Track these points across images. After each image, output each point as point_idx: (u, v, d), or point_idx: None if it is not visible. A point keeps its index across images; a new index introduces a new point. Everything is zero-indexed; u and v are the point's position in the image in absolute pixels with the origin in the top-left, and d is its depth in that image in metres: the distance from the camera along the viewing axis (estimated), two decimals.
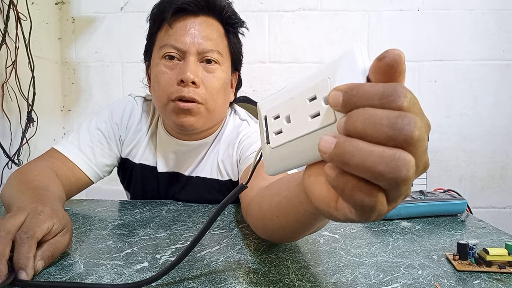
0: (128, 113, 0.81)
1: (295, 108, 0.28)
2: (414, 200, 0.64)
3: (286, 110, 0.29)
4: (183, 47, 0.69)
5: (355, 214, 0.24)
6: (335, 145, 0.23)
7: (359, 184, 0.22)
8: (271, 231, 0.46)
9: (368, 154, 0.21)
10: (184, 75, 0.67)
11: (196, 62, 0.69)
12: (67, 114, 1.53)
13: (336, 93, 0.23)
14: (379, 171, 0.21)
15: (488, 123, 1.47)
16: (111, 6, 1.49)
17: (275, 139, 0.30)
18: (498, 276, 0.40)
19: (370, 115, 0.22)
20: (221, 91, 0.73)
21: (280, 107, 0.29)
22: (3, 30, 1.11)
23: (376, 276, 0.40)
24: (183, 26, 0.70)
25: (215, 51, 0.71)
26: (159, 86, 0.71)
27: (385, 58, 0.23)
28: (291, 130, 0.28)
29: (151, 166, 0.80)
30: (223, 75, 0.73)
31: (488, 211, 1.50)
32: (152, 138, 0.81)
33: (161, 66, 0.71)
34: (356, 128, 0.22)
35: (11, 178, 0.64)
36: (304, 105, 0.27)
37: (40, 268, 0.40)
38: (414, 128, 0.21)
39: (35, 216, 0.43)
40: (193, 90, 0.68)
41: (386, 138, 0.21)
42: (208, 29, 0.71)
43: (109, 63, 1.51)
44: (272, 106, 0.30)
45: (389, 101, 0.22)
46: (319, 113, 0.26)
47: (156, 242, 0.52)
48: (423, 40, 1.45)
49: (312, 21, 1.47)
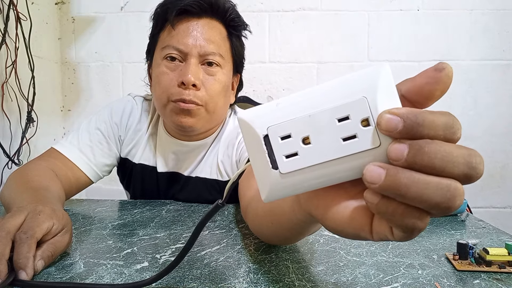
0: (127, 113, 0.81)
1: (318, 128, 0.24)
2: None
3: (303, 130, 0.25)
4: (185, 49, 0.69)
5: (399, 236, 0.24)
6: (386, 176, 0.21)
7: (409, 210, 0.22)
8: (267, 236, 0.46)
9: (425, 187, 0.21)
10: (185, 77, 0.67)
11: (197, 65, 0.69)
12: (67, 114, 1.53)
13: (393, 117, 0.22)
14: (435, 202, 0.21)
15: (488, 123, 1.47)
16: (111, 6, 1.49)
17: (287, 163, 0.25)
18: (498, 276, 0.40)
19: (447, 153, 0.21)
20: (221, 93, 0.73)
21: (292, 126, 0.25)
22: (3, 30, 1.11)
23: (376, 276, 0.40)
24: (186, 28, 0.70)
25: (216, 54, 0.70)
26: (159, 87, 0.71)
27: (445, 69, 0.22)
28: (313, 153, 0.25)
29: (151, 166, 0.80)
30: (224, 77, 0.73)
31: (488, 211, 1.50)
32: (152, 138, 0.81)
33: (163, 67, 0.71)
34: (423, 162, 0.21)
35: (10, 178, 0.64)
36: (331, 125, 0.24)
37: (40, 268, 0.40)
38: (483, 167, 0.22)
39: (35, 216, 0.43)
40: (194, 93, 0.68)
41: (460, 175, 0.21)
42: (211, 31, 0.71)
43: (109, 63, 1.51)
44: (275, 123, 0.25)
45: (451, 133, 0.22)
46: (355, 135, 0.23)
47: (156, 242, 0.52)
48: (423, 40, 1.45)
49: (312, 21, 1.47)
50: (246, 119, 0.27)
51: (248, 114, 0.27)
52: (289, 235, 0.40)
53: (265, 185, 0.27)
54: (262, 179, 0.27)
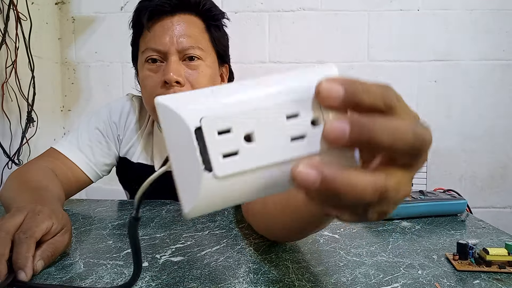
0: (126, 112, 0.81)
1: (264, 124, 0.21)
2: (414, 200, 0.64)
3: (247, 125, 0.21)
4: (163, 48, 0.69)
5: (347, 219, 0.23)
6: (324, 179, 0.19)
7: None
8: (274, 230, 0.45)
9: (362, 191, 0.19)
10: (167, 76, 0.67)
11: (178, 62, 0.69)
12: (67, 114, 1.53)
13: (335, 86, 0.19)
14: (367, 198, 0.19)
15: (488, 123, 1.47)
16: (111, 6, 1.49)
17: (224, 164, 0.20)
18: (498, 276, 0.40)
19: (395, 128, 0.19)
20: (208, 86, 0.73)
21: (234, 118, 0.21)
22: (3, 30, 1.11)
23: (376, 276, 0.40)
24: (161, 27, 0.70)
25: (195, 47, 0.70)
26: (145, 91, 0.71)
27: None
28: (257, 153, 0.21)
29: (149, 165, 0.81)
30: (208, 70, 0.72)
31: (488, 211, 1.50)
32: (149, 137, 0.81)
33: (145, 71, 0.71)
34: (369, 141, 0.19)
35: (10, 178, 0.64)
36: (279, 122, 0.21)
37: (40, 268, 0.40)
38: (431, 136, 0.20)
39: (34, 216, 0.43)
40: (179, 90, 0.68)
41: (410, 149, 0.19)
42: (186, 26, 0.70)
43: (109, 63, 1.51)
44: (212, 114, 0.21)
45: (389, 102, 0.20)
46: (303, 135, 0.21)
47: (156, 242, 0.52)
48: (423, 40, 1.45)
49: (312, 21, 1.47)
50: (169, 105, 0.21)
51: (172, 99, 0.21)
52: (297, 227, 0.38)
53: (192, 192, 0.21)
54: (187, 184, 0.21)
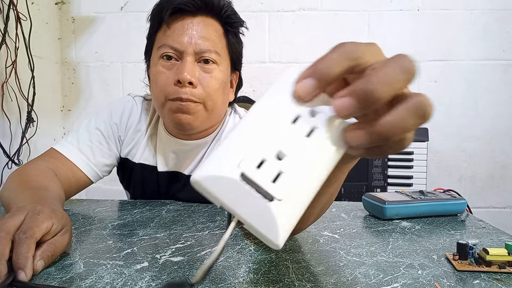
0: (127, 113, 0.81)
1: (282, 138, 0.24)
2: (414, 200, 0.64)
3: (272, 147, 0.24)
4: (180, 47, 0.69)
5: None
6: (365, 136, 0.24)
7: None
8: None
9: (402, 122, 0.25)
10: (181, 75, 0.67)
11: (193, 62, 0.69)
12: (67, 114, 1.53)
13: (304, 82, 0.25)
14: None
15: (488, 123, 1.47)
16: (111, 6, 1.49)
17: (277, 187, 0.23)
18: (498, 276, 0.40)
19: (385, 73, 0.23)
20: (219, 91, 0.73)
21: (259, 149, 0.23)
22: (3, 30, 1.11)
23: (376, 276, 0.40)
24: (181, 26, 0.70)
25: (212, 51, 0.71)
26: (157, 86, 0.71)
27: None
28: (294, 162, 0.24)
29: (151, 165, 0.80)
30: (221, 75, 0.73)
31: (488, 211, 1.50)
32: (152, 137, 0.81)
33: (159, 66, 0.71)
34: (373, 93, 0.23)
35: (10, 178, 0.64)
36: (290, 129, 0.24)
37: (40, 268, 0.40)
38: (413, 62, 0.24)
39: (34, 216, 0.43)
40: (190, 91, 0.68)
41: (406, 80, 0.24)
42: (206, 29, 0.71)
43: (109, 63, 1.51)
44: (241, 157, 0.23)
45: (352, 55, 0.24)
46: (313, 127, 0.25)
47: (156, 242, 0.52)
48: (423, 40, 1.45)
49: (312, 21, 1.47)
50: (205, 175, 0.24)
51: (204, 171, 0.24)
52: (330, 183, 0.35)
53: (273, 225, 0.23)
54: (264, 223, 0.23)
